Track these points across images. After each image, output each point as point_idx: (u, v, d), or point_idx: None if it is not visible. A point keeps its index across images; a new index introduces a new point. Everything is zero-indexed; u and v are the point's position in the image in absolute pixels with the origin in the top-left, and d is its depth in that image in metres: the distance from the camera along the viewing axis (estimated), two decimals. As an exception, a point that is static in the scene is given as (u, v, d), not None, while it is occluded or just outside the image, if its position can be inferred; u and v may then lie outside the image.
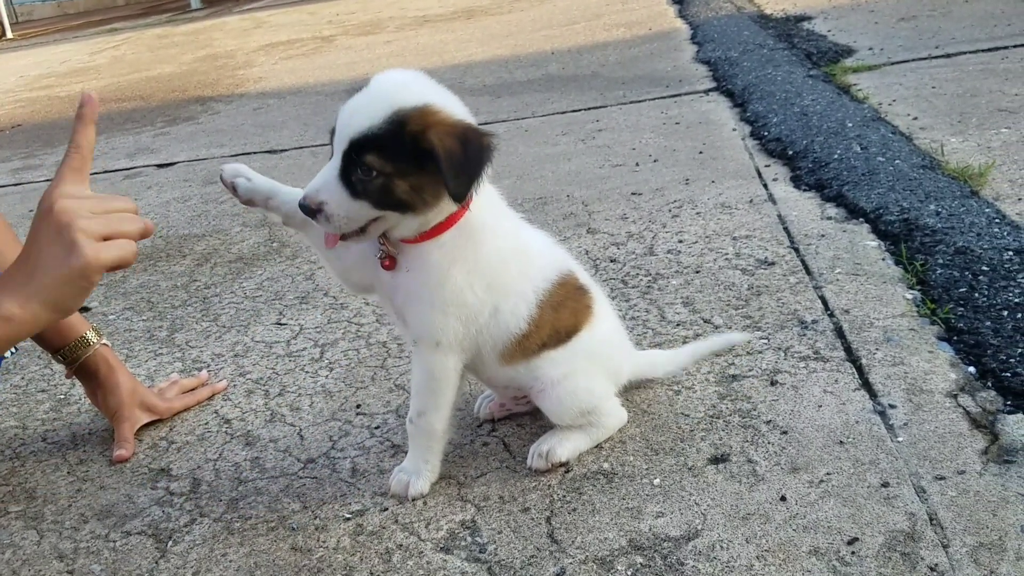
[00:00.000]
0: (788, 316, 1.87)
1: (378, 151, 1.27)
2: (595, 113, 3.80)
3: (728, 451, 1.48)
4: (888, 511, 1.29)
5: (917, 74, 3.59)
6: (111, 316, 2.43)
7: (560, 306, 1.48)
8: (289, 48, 7.48)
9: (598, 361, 1.53)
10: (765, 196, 2.56)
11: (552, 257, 1.52)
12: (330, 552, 1.39)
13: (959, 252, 1.98)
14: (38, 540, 1.53)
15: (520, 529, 1.37)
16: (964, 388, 1.55)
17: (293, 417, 1.79)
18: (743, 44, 4.47)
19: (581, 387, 1.49)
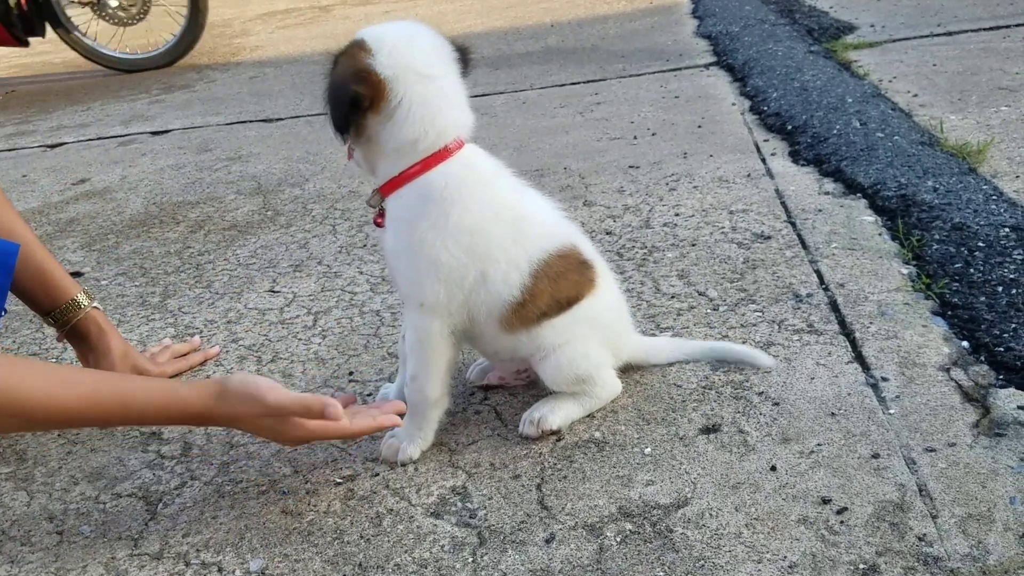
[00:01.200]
0: (783, 289, 1.87)
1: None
2: (594, 86, 3.78)
3: (719, 421, 1.48)
4: (878, 482, 1.29)
5: (918, 51, 3.58)
6: (103, 281, 2.42)
7: (560, 277, 1.46)
8: (286, 17, 7.41)
9: (597, 328, 1.52)
10: (763, 170, 2.55)
11: (554, 228, 1.50)
12: (321, 516, 1.39)
13: (956, 228, 1.97)
14: (28, 501, 1.53)
15: (510, 495, 1.37)
16: (957, 362, 1.55)
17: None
18: (744, 19, 4.44)
19: (579, 352, 1.49)
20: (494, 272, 1.41)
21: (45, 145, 4.10)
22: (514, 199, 1.47)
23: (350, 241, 2.46)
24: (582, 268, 1.50)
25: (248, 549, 1.34)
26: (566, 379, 1.50)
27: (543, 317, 1.46)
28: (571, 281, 1.48)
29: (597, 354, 1.52)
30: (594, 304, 1.51)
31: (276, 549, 1.33)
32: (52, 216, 3.03)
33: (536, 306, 1.45)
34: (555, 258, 1.46)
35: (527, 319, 1.45)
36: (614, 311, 1.57)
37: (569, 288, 1.48)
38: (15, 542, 1.42)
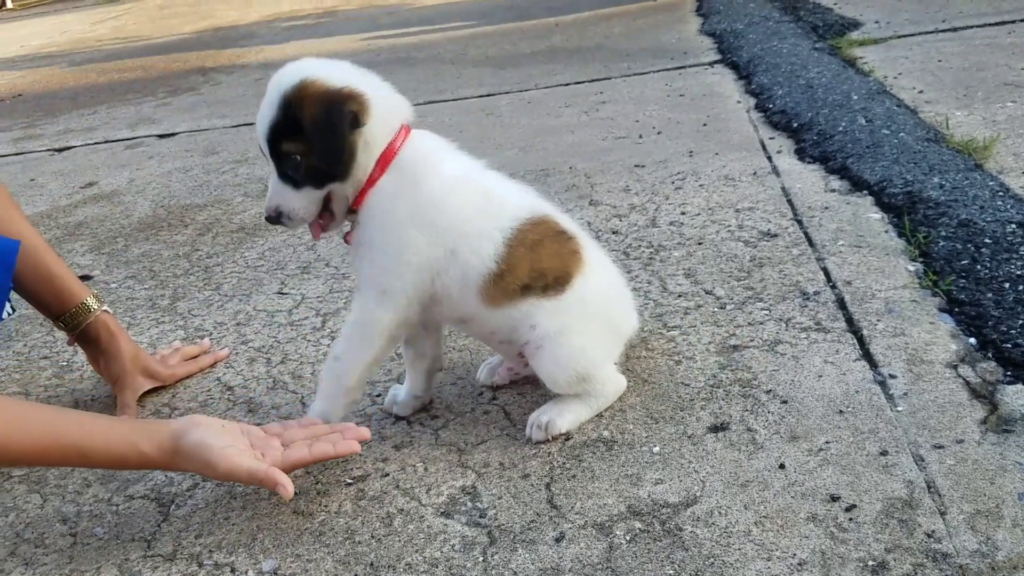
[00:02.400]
0: (790, 287, 1.87)
1: (287, 137, 1.36)
2: (599, 85, 3.78)
3: (728, 420, 1.49)
4: (886, 479, 1.30)
5: (923, 48, 3.57)
6: (113, 284, 2.44)
7: (537, 246, 1.46)
8: (291, 19, 7.43)
9: (595, 317, 1.51)
10: (769, 168, 2.55)
11: (523, 200, 1.51)
12: (332, 516, 1.40)
13: (962, 225, 1.97)
14: (41, 504, 1.54)
15: (520, 495, 1.38)
16: (964, 359, 1.55)
17: (295, 385, 1.79)
18: (749, 16, 4.44)
19: (575, 346, 1.48)
20: (464, 245, 1.42)
21: (53, 149, 4.12)
22: (476, 171, 1.50)
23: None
24: (560, 238, 1.50)
25: (260, 550, 1.35)
26: (566, 376, 1.49)
27: (527, 291, 1.45)
28: (551, 251, 1.47)
29: (596, 349, 1.51)
30: (587, 285, 1.49)
31: (288, 549, 1.34)
32: (61, 220, 3.05)
33: (516, 276, 1.44)
34: (528, 225, 1.46)
35: (509, 291, 1.44)
36: (610, 291, 1.56)
37: (551, 259, 1.47)
38: (29, 544, 1.44)
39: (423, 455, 1.51)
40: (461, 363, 1.78)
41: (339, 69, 1.41)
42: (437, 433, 1.57)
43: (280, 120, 1.36)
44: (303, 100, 1.35)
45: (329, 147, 1.36)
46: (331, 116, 1.35)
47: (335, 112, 1.35)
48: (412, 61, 4.92)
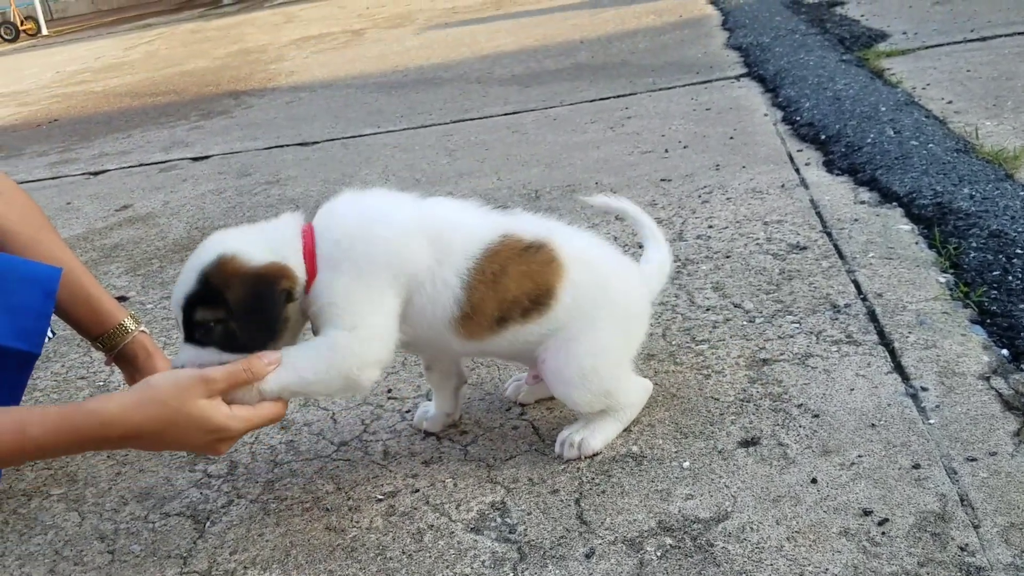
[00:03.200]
0: (820, 300, 1.87)
1: (203, 306, 1.37)
2: (624, 101, 3.79)
3: (759, 434, 1.48)
4: (919, 492, 1.29)
5: (952, 58, 3.54)
6: (149, 305, 2.48)
7: (500, 276, 1.40)
8: (320, 42, 7.53)
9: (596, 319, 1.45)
10: (797, 181, 2.54)
11: (475, 228, 1.44)
12: (363, 532, 1.41)
13: (993, 235, 1.95)
14: (79, 521, 1.57)
15: (549, 510, 1.39)
16: (997, 371, 1.53)
17: (326, 402, 1.81)
18: (775, 30, 4.43)
19: (586, 365, 1.44)
20: (419, 295, 1.40)
21: (88, 173, 4.21)
22: (417, 216, 1.44)
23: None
24: (528, 254, 1.43)
25: (294, 565, 1.36)
26: (584, 397, 1.46)
27: (505, 321, 1.42)
28: (518, 274, 1.42)
29: (607, 358, 1.47)
30: (575, 290, 1.43)
31: (321, 565, 1.35)
32: (97, 242, 3.11)
33: (484, 315, 1.41)
34: (485, 259, 1.40)
35: (484, 326, 1.42)
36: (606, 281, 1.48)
37: (520, 283, 1.41)
38: (68, 562, 1.46)
39: (453, 471, 1.52)
40: (489, 379, 1.79)
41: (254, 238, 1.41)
42: (466, 449, 1.58)
43: (199, 293, 1.36)
44: (225, 281, 1.34)
45: (263, 326, 1.36)
46: (261, 299, 1.35)
47: (263, 295, 1.35)
48: (439, 81, 4.96)
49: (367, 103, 4.70)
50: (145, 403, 1.30)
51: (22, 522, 1.59)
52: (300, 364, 1.37)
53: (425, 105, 4.43)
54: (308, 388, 1.40)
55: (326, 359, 1.37)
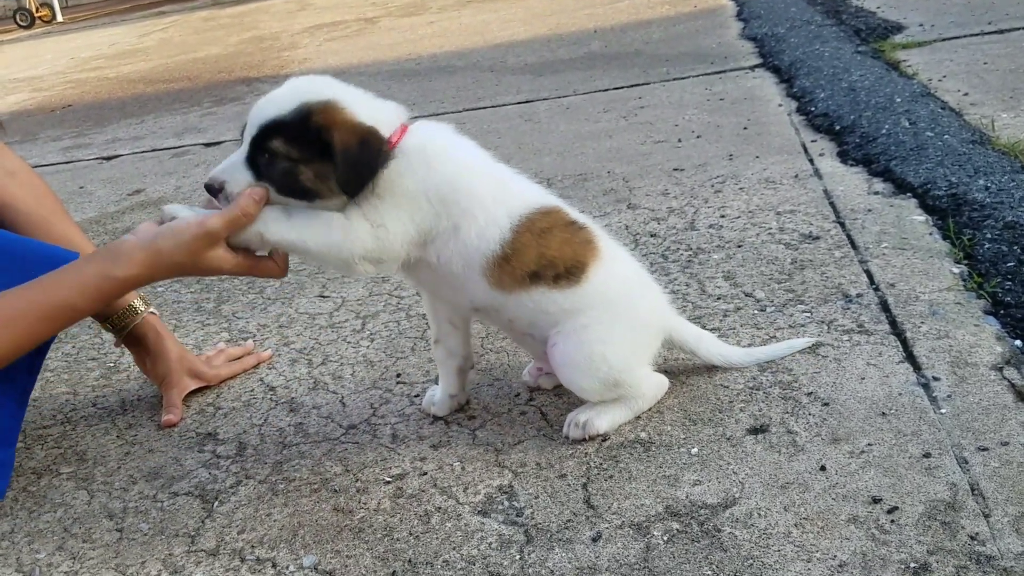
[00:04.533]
0: (832, 290, 1.85)
1: (284, 138, 1.36)
2: (638, 90, 3.78)
3: (768, 422, 1.48)
4: (929, 481, 1.28)
5: (968, 50, 3.51)
6: (160, 288, 2.49)
7: (545, 233, 1.45)
8: (333, 30, 7.53)
9: (618, 314, 1.47)
10: (811, 171, 2.52)
11: (534, 191, 1.51)
12: (371, 513, 1.41)
13: (1008, 227, 1.94)
14: (88, 500, 1.58)
15: (557, 494, 1.38)
16: (1010, 361, 1.52)
17: (335, 385, 1.82)
18: (790, 20, 4.40)
19: (596, 351, 1.45)
20: (468, 225, 1.42)
21: (101, 157, 4.22)
22: (486, 159, 1.50)
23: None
24: (571, 228, 1.48)
25: (301, 545, 1.37)
26: (592, 385, 1.47)
27: (537, 279, 1.44)
28: (562, 239, 1.45)
29: (621, 351, 1.47)
30: (607, 276, 1.47)
31: (328, 545, 1.36)
32: (108, 226, 3.12)
33: (522, 262, 1.43)
34: (538, 213, 1.45)
35: (516, 276, 1.43)
36: (633, 284, 1.52)
37: (561, 247, 1.45)
38: (76, 539, 1.47)
39: (460, 454, 1.52)
40: (499, 364, 1.79)
41: (362, 99, 1.42)
42: (474, 433, 1.58)
43: (289, 123, 1.35)
44: (333, 122, 1.35)
45: (358, 179, 1.36)
46: (367, 153, 1.36)
47: (370, 150, 1.36)
48: (452, 69, 4.95)
49: (380, 90, 4.65)
50: (160, 267, 1.40)
51: (31, 500, 1.60)
52: (309, 230, 1.38)
53: (438, 93, 4.42)
54: (306, 253, 1.42)
55: (337, 238, 1.38)
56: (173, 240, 1.38)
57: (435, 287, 1.52)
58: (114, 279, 1.40)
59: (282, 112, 1.36)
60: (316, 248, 1.39)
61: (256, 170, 1.38)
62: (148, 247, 1.39)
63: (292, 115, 1.36)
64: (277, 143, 1.36)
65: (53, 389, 1.99)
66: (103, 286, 1.41)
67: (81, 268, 1.44)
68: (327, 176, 1.36)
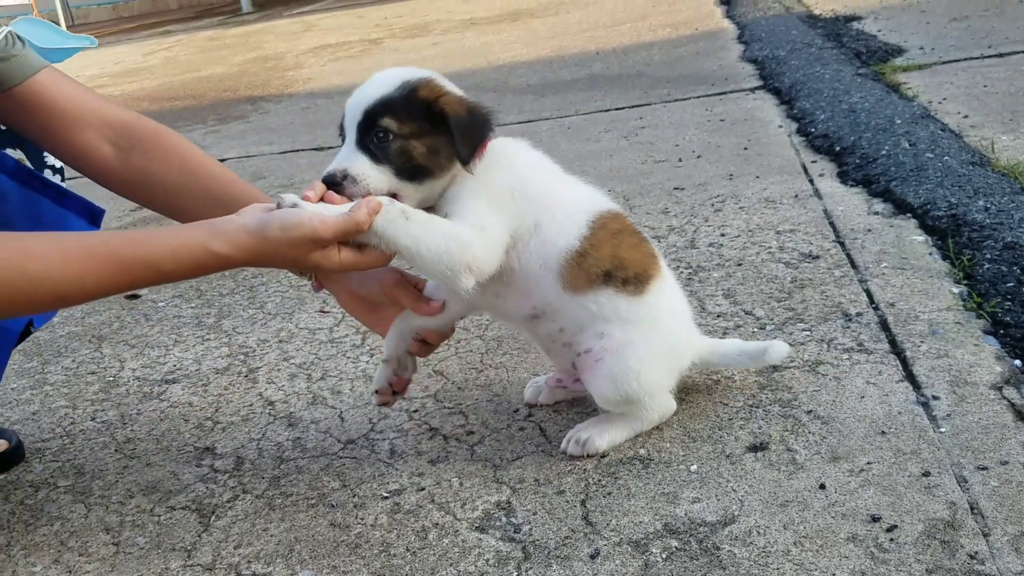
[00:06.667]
0: (832, 309, 1.86)
1: (393, 115, 1.37)
2: (639, 111, 3.80)
3: (767, 440, 1.47)
4: (928, 500, 1.27)
5: (968, 73, 3.53)
6: (161, 303, 2.49)
7: (619, 234, 1.48)
8: (338, 50, 7.58)
9: (663, 337, 1.48)
10: (811, 191, 2.53)
11: (600, 195, 1.55)
12: (368, 529, 1.41)
13: (1007, 247, 1.94)
14: (86, 513, 1.57)
15: (555, 511, 1.38)
16: (1009, 380, 1.52)
17: (334, 400, 1.81)
18: (791, 43, 4.43)
19: (634, 368, 1.45)
20: (549, 221, 1.44)
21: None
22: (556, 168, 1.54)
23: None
24: (637, 237, 1.52)
25: (297, 560, 1.36)
26: (616, 396, 1.47)
27: (608, 279, 1.44)
28: (631, 243, 1.49)
29: (654, 373, 1.48)
30: (662, 295, 1.49)
31: (324, 561, 1.35)
32: (111, 241, 3.13)
33: (598, 258, 1.44)
34: (611, 216, 1.49)
35: (590, 275, 1.44)
36: (677, 313, 1.55)
37: (631, 251, 1.48)
38: (73, 552, 1.47)
39: (459, 470, 1.52)
40: (498, 380, 1.79)
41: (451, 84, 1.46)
42: (473, 449, 1.57)
43: (395, 100, 1.37)
44: (439, 95, 1.39)
45: (472, 145, 1.39)
46: (476, 119, 1.40)
47: (479, 117, 1.41)
48: (454, 89, 4.97)
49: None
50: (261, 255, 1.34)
51: (28, 513, 1.59)
52: (424, 238, 1.36)
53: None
54: (418, 259, 1.37)
55: (452, 247, 1.36)
56: (283, 234, 1.31)
57: (498, 296, 1.49)
58: (212, 253, 1.32)
59: (386, 92, 1.38)
60: (428, 255, 1.36)
61: (370, 152, 1.38)
62: (255, 232, 1.32)
63: (397, 92, 1.38)
64: (388, 120, 1.36)
65: (52, 403, 1.99)
66: (199, 257, 1.32)
67: (180, 233, 1.35)
68: (438, 149, 1.39)
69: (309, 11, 12.22)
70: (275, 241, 1.32)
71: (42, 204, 1.56)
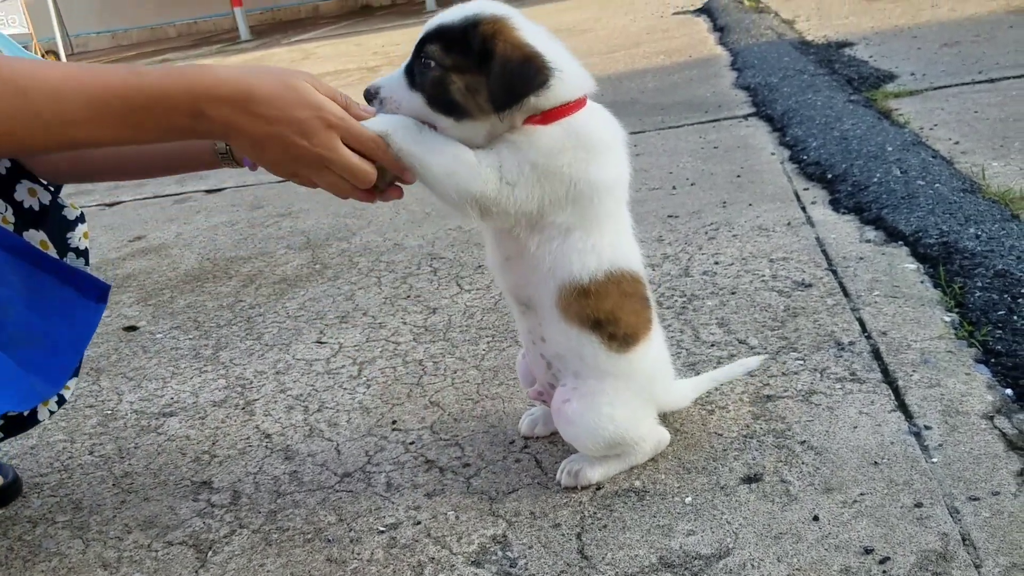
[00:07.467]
0: (825, 338, 1.87)
1: (442, 44, 1.30)
2: (633, 138, 3.81)
3: (761, 471, 1.48)
4: (921, 531, 1.28)
5: (959, 99, 3.57)
6: (159, 335, 2.50)
7: (629, 297, 1.44)
8: (336, 78, 7.63)
9: (636, 391, 1.49)
10: (803, 219, 2.56)
11: (638, 254, 1.49)
12: (364, 564, 1.41)
13: (998, 275, 1.96)
14: (83, 549, 1.57)
15: (551, 544, 1.39)
16: (1000, 410, 1.53)
17: (331, 432, 1.82)
18: (783, 70, 4.47)
19: (604, 414, 1.45)
20: (579, 239, 1.38)
21: (103, 204, 4.26)
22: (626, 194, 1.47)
23: (394, 292, 2.52)
24: (644, 303, 1.49)
25: (294, 596, 1.36)
26: (596, 445, 1.47)
27: (597, 328, 1.42)
28: (633, 309, 1.45)
29: (627, 410, 1.48)
30: (642, 357, 1.48)
31: (321, 596, 1.35)
32: (109, 272, 3.14)
33: (597, 306, 1.41)
34: (629, 275, 1.44)
35: (582, 313, 1.41)
36: (658, 365, 1.54)
37: (631, 315, 1.45)
38: (71, 588, 1.47)
39: (455, 503, 1.52)
40: (494, 411, 1.80)
41: (536, 30, 1.34)
42: (469, 481, 1.58)
43: (453, 29, 1.30)
44: (500, 33, 1.28)
45: (511, 94, 1.28)
46: (527, 69, 1.28)
47: (532, 68, 1.28)
48: (451, 116, 5.01)
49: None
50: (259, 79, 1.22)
51: (27, 548, 1.60)
52: (437, 151, 1.31)
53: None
54: (425, 172, 1.32)
55: (462, 170, 1.31)
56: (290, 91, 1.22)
57: (508, 258, 1.46)
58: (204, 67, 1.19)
59: (450, 20, 1.31)
60: (436, 169, 1.31)
61: (410, 77, 1.33)
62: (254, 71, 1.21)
63: (459, 22, 1.29)
64: (433, 47, 1.29)
65: (50, 436, 2.00)
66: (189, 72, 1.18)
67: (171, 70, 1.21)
68: (478, 90, 1.29)
69: (307, 39, 12.32)
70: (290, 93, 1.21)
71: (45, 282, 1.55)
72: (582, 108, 1.38)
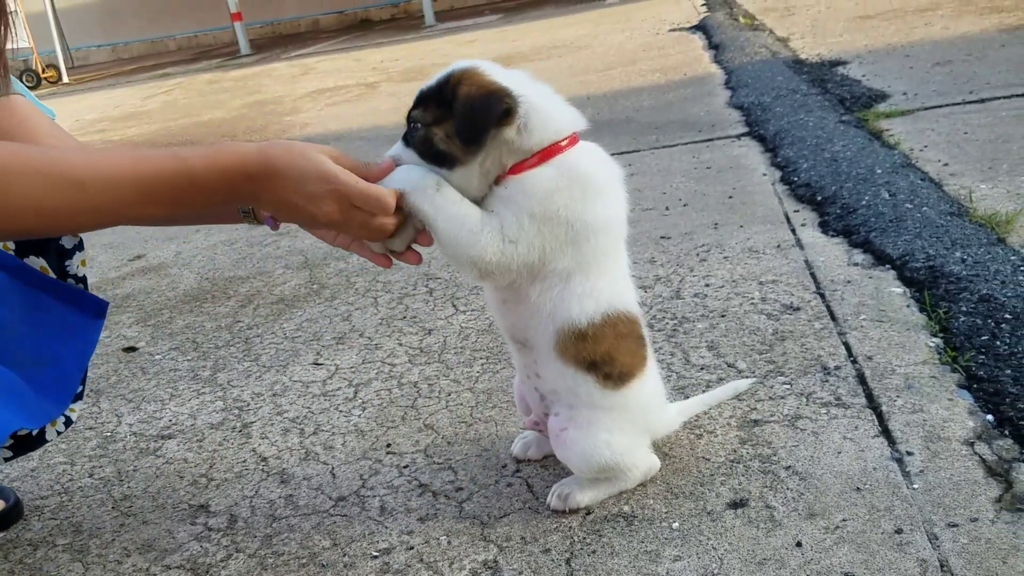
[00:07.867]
0: (812, 362, 1.91)
1: (424, 106, 1.39)
2: (627, 157, 3.87)
3: (747, 496, 1.51)
4: (900, 557, 1.31)
5: (950, 119, 3.61)
6: (157, 356, 2.53)
7: (624, 338, 1.47)
8: (335, 94, 7.69)
9: (630, 422, 1.52)
10: (793, 241, 2.59)
11: (632, 294, 1.52)
12: (358, 588, 1.44)
13: (983, 300, 2.00)
14: (83, 572, 1.60)
15: (540, 570, 1.42)
16: (981, 436, 1.57)
17: (326, 455, 1.85)
18: (776, 89, 4.52)
19: (600, 440, 1.49)
20: (578, 283, 1.42)
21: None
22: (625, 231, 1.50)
23: (391, 313, 2.55)
24: (640, 342, 1.51)
25: (289, 620, 1.39)
26: (590, 469, 1.51)
27: (592, 368, 1.45)
28: (629, 349, 1.48)
29: (622, 441, 1.51)
30: (638, 391, 1.51)
31: (315, 621, 1.38)
32: (109, 292, 3.18)
33: (593, 349, 1.44)
34: (625, 318, 1.47)
35: (578, 355, 1.44)
36: (652, 398, 1.57)
37: (626, 355, 1.48)
38: (70, 612, 1.50)
39: (447, 528, 1.56)
40: (487, 434, 1.83)
41: (512, 74, 1.41)
42: (462, 506, 1.61)
43: (432, 92, 1.38)
44: (464, 79, 1.36)
45: (472, 127, 1.34)
46: (487, 102, 1.33)
47: (492, 100, 1.34)
48: (448, 134, 5.05)
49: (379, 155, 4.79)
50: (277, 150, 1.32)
51: (27, 572, 1.63)
52: (447, 213, 1.37)
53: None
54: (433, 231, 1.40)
55: (464, 237, 1.37)
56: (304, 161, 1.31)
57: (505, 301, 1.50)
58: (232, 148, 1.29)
59: (428, 84, 1.40)
60: (443, 231, 1.37)
61: (405, 141, 1.42)
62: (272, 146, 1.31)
63: (435, 83, 1.39)
64: (417, 111, 1.40)
65: (51, 459, 2.03)
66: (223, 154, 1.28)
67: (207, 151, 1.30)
68: (454, 134, 1.37)
69: (307, 54, 12.39)
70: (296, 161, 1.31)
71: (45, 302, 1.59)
72: (574, 147, 1.42)
